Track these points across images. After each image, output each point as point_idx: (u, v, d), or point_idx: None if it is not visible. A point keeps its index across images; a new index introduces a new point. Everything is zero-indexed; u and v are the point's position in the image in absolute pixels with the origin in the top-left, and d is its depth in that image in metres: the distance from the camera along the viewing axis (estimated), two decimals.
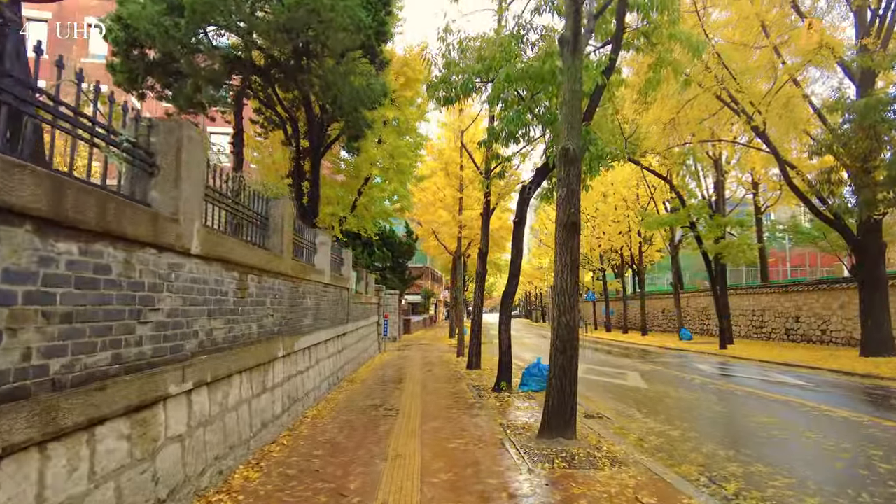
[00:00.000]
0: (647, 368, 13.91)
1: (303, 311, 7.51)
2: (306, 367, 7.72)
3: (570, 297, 5.59)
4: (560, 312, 5.62)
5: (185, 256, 3.89)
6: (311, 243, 8.63)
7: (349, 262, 11.83)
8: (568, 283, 5.59)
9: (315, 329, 8.28)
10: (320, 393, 8.54)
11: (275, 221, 6.36)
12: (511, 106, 8.98)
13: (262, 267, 5.64)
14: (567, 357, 5.55)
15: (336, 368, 10.05)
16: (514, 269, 9.62)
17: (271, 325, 6.05)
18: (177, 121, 3.82)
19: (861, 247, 14.12)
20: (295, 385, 7.06)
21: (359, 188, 17.11)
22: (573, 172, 5.66)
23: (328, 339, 9.34)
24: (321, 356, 8.83)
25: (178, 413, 3.78)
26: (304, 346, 7.48)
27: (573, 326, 5.59)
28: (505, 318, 9.66)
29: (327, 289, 9.23)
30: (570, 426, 5.59)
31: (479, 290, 13.63)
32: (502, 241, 27.40)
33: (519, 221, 9.56)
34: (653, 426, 7.06)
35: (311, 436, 6.14)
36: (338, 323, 10.34)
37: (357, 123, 11.19)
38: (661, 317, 33.73)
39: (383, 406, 8.04)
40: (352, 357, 12.13)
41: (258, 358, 5.49)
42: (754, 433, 6.53)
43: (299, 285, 7.32)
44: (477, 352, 13.12)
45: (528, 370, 9.67)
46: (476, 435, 6.14)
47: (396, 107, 16.98)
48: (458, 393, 9.32)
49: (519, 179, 14.03)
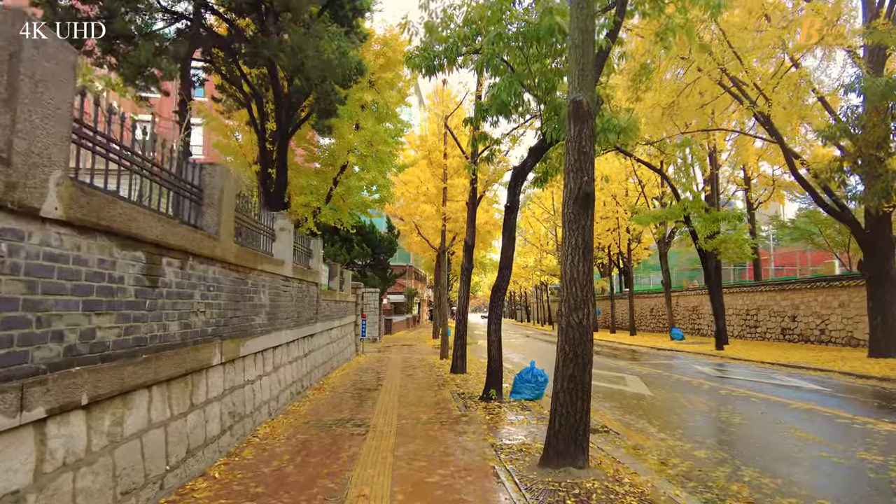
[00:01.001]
0: (645, 371, 12.87)
1: (253, 308, 6.22)
2: (258, 375, 6.42)
3: (583, 288, 4.40)
4: (569, 309, 4.43)
5: (28, 220, 2.60)
6: (267, 229, 7.33)
7: (319, 254, 10.53)
8: (580, 271, 4.41)
9: (272, 329, 6.98)
10: (279, 405, 7.24)
11: (211, 194, 5.06)
12: (502, 74, 7.82)
13: (187, 249, 4.35)
14: (579, 365, 4.37)
15: (301, 375, 8.75)
16: (505, 261, 8.44)
17: (203, 325, 4.76)
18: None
19: (869, 241, 13.28)
20: (241, 398, 5.76)
21: (335, 177, 15.78)
22: (586, 131, 4.49)
23: (291, 340, 8.04)
24: (281, 361, 7.53)
25: (14, 458, 2.49)
26: (254, 349, 6.18)
27: (587, 326, 4.41)
28: (495, 316, 8.46)
29: (289, 283, 7.94)
30: (582, 452, 4.41)
31: (464, 288, 12.44)
32: (488, 237, 26.27)
33: (511, 207, 8.39)
34: (672, 444, 5.93)
35: (253, 464, 4.85)
36: (304, 323, 9.04)
37: (327, 97, 9.90)
38: (650, 316, 32.97)
39: (352, 421, 6.78)
40: (322, 361, 10.83)
41: (180, 366, 4.20)
42: (795, 453, 5.44)
43: (247, 277, 6.03)
44: (462, 354, 11.93)
45: (520, 376, 8.50)
46: (463, 461, 4.92)
47: (375, 90, 15.73)
48: (442, 402, 8.09)
49: (508, 166, 12.88)
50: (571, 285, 4.43)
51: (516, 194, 8.38)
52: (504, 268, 8.44)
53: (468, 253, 12.28)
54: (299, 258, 9.48)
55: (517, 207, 8.46)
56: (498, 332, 8.36)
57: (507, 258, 8.42)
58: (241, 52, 11.30)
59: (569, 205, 4.52)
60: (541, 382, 8.30)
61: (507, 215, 8.46)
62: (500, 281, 8.45)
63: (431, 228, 19.39)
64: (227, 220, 5.28)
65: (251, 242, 6.60)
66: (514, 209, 8.41)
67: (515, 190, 8.38)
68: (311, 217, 15.60)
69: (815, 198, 14.09)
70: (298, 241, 8.87)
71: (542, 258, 45.31)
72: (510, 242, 8.38)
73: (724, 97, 15.68)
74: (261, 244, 7.11)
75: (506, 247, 8.46)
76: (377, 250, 26.44)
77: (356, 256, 25.66)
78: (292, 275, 7.99)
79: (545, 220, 42.21)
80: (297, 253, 9.33)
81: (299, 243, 9.27)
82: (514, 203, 8.38)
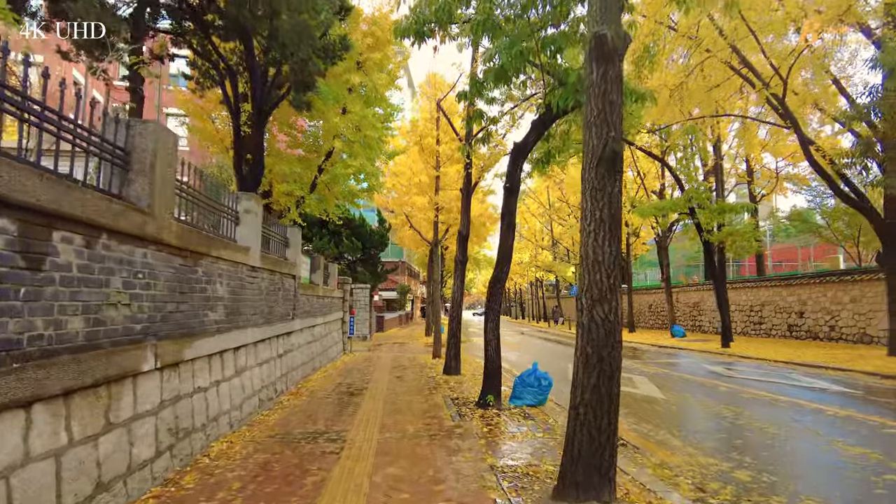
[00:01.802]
0: (652, 371, 11.96)
1: (205, 302, 5.21)
2: (213, 381, 5.41)
3: (610, 273, 3.44)
4: (591, 301, 3.47)
5: None
6: (229, 210, 6.31)
7: (297, 243, 9.51)
8: (605, 252, 3.44)
9: (232, 327, 5.97)
10: (243, 414, 6.24)
11: (141, 159, 4.04)
12: (500, 37, 6.85)
13: (97, 222, 3.34)
14: (605, 373, 3.40)
15: (274, 378, 7.74)
16: (504, 250, 7.46)
17: (127, 321, 3.75)
18: None
19: (891, 231, 12.43)
20: (187, 410, 4.76)
21: (320, 164, 14.74)
22: (611, 73, 3.52)
23: (259, 340, 7.03)
24: (246, 364, 6.52)
25: None
26: (207, 351, 5.18)
27: (614, 323, 3.44)
28: (493, 313, 7.47)
29: (257, 274, 6.92)
30: (608, 483, 3.45)
31: (458, 282, 11.47)
32: (482, 231, 25.31)
33: (510, 189, 7.41)
34: (704, 461, 4.99)
35: (192, 496, 3.86)
36: (277, 319, 8.02)
37: (304, 67, 8.86)
38: (648, 313, 32.17)
39: (326, 434, 5.79)
40: (302, 361, 9.82)
41: (85, 375, 3.20)
42: (859, 475, 4.51)
43: (197, 264, 5.02)
44: (456, 353, 10.96)
45: (521, 379, 7.53)
46: (457, 491, 3.95)
47: (363, 72, 14.71)
48: (432, 410, 7.12)
49: (506, 150, 11.90)
50: (595, 270, 3.46)
51: (517, 174, 7.40)
52: (503, 258, 7.46)
53: (462, 244, 11.32)
54: (275, 247, 8.47)
55: (518, 189, 7.48)
56: (496, 329, 7.39)
57: (506, 247, 7.44)
58: (214, 25, 10.24)
59: (591, 169, 3.55)
60: (544, 387, 7.35)
61: (506, 198, 7.49)
62: (499, 272, 7.47)
63: (423, 220, 18.38)
64: (164, 193, 4.26)
65: (208, 224, 5.59)
66: (515, 191, 7.44)
67: (516, 169, 7.41)
68: (295, 207, 14.58)
69: (832, 186, 13.23)
70: (271, 228, 7.85)
71: (537, 254, 44.44)
72: (509, 230, 7.41)
73: (729, 82, 14.78)
74: (222, 228, 6.10)
75: (505, 234, 7.48)
76: (367, 245, 25.40)
77: (345, 251, 24.61)
78: (261, 264, 6.98)
79: (540, 215, 41.31)
80: (273, 241, 8.32)
81: (272, 230, 8.25)
82: (515, 184, 7.40)
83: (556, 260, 39.52)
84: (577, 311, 3.57)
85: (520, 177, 7.50)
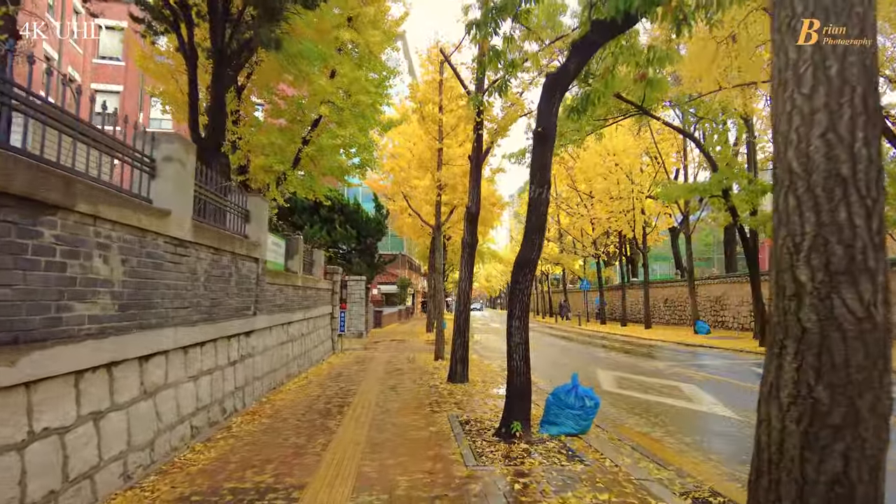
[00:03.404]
0: (699, 377, 9.94)
1: (63, 286, 3.17)
2: (90, 412, 3.39)
3: (868, 205, 1.42)
4: (827, 272, 1.44)
5: None
6: (134, 153, 4.24)
7: (262, 218, 7.44)
8: (861, 154, 1.42)
9: (133, 327, 3.94)
10: (155, 456, 4.22)
11: None
12: None
13: None
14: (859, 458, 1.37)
15: (220, 395, 5.71)
16: (535, 220, 5.38)
17: None
18: None
19: None
20: (12, 470, 2.74)
21: (304, 136, 12.69)
22: None
23: (192, 343, 5.00)
24: (166, 379, 4.49)
25: None
26: (68, 368, 3.15)
27: (882, 328, 1.42)
28: (520, 306, 5.37)
29: (186, 250, 4.87)
30: None
31: (466, 269, 9.45)
32: (490, 219, 23.25)
33: (543, 134, 5.34)
34: None
35: None
36: (226, 315, 5.98)
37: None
38: (664, 307, 30.12)
39: (272, 493, 3.76)
40: (269, 368, 7.80)
41: None
42: None
43: (44, 222, 2.98)
44: (463, 357, 8.96)
45: (556, 396, 5.48)
46: None
47: (354, 29, 12.63)
48: (435, 444, 5.07)
49: (523, 110, 9.81)
50: (829, 199, 1.44)
51: (552, 114, 5.34)
52: (534, 231, 5.40)
53: (471, 224, 9.28)
54: (231, 221, 6.43)
55: (553, 135, 5.41)
56: (524, 330, 5.32)
57: (538, 215, 5.36)
58: None
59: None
60: (589, 409, 5.32)
61: (536, 147, 5.43)
62: (528, 251, 5.41)
63: (425, 202, 16.32)
64: None
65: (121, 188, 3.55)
66: (549, 138, 5.38)
67: (550, 109, 5.35)
68: (275, 185, 12.54)
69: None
70: (212, 192, 5.78)
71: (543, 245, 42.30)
72: (545, 189, 5.33)
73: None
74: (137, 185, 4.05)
75: (536, 200, 5.39)
76: (363, 233, 23.33)
77: (339, 239, 22.56)
78: (193, 238, 4.92)
79: None
80: (225, 214, 6.28)
81: (223, 198, 6.19)
82: (549, 128, 5.34)
83: (562, 252, 37.37)
84: (775, 305, 1.54)
85: (556, 118, 5.44)
